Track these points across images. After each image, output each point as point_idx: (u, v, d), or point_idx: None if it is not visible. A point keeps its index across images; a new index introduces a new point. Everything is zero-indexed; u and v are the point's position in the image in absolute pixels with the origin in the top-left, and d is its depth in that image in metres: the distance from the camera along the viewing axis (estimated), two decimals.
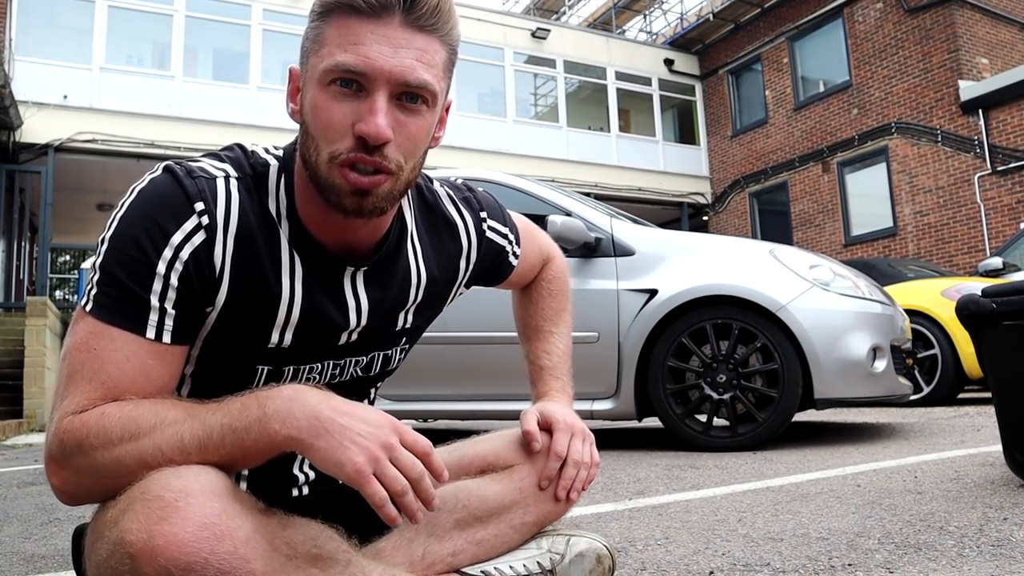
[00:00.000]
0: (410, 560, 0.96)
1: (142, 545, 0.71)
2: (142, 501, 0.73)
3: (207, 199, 0.87)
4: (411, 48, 0.84)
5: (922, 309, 5.42)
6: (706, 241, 3.69)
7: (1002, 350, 1.99)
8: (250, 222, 0.89)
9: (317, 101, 0.85)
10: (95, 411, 0.81)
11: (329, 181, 0.86)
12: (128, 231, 0.84)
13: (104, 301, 0.84)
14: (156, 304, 0.84)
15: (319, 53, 0.85)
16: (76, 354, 0.83)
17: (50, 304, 9.42)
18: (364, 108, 0.83)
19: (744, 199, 15.32)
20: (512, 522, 1.03)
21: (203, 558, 0.71)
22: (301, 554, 0.80)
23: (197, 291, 0.86)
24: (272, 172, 0.93)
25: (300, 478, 1.05)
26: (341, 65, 0.82)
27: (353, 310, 0.97)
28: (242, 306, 0.90)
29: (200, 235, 0.86)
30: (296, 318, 0.93)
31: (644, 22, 19.60)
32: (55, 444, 0.81)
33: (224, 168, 0.91)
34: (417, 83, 0.84)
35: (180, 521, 0.71)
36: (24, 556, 1.79)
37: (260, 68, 12.44)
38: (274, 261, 0.91)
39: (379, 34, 0.83)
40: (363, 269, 0.98)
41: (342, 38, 0.83)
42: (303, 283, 0.93)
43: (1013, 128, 10.88)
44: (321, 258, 0.94)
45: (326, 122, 0.84)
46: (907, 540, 1.49)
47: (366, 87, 0.83)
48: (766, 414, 3.18)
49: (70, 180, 11.57)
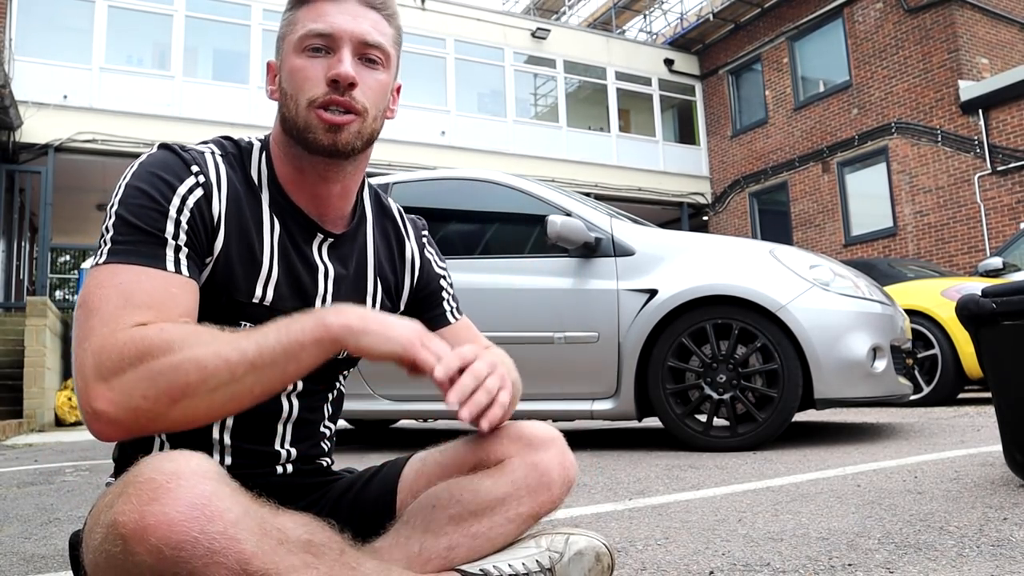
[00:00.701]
0: (407, 557, 0.97)
1: (133, 526, 0.72)
2: (135, 484, 0.75)
3: (201, 164, 0.99)
4: (366, 19, 1.02)
5: (922, 309, 5.42)
6: (706, 241, 3.69)
7: (1002, 350, 1.99)
8: (236, 187, 1.02)
9: (294, 65, 1.00)
10: (153, 327, 0.84)
11: (306, 123, 1.00)
12: (136, 188, 0.93)
13: (120, 247, 0.90)
14: (172, 241, 0.92)
15: (293, 31, 1.02)
16: (101, 291, 0.87)
17: (50, 304, 9.42)
18: (334, 61, 0.99)
19: (744, 199, 15.32)
20: (507, 514, 1.04)
21: (193, 537, 0.72)
22: (293, 539, 0.81)
23: (202, 236, 0.96)
24: (255, 148, 1.08)
25: (283, 455, 1.08)
26: (312, 31, 0.99)
27: (321, 275, 1.08)
28: (232, 260, 0.99)
29: (199, 191, 0.97)
30: (275, 273, 1.03)
31: (644, 22, 19.61)
32: (110, 357, 0.82)
33: (209, 146, 1.04)
34: (374, 42, 1.02)
35: (171, 502, 0.73)
36: (24, 556, 1.79)
37: (260, 68, 12.42)
38: (257, 222, 1.03)
39: (340, 8, 1.01)
40: (330, 240, 1.09)
41: (311, 14, 1.01)
42: (279, 244, 1.04)
43: (1013, 128, 10.88)
44: (297, 221, 1.06)
45: (303, 77, 0.99)
46: (907, 540, 1.49)
47: (333, 47, 1.00)
48: (766, 414, 3.18)
49: (70, 180, 11.57)
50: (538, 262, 3.69)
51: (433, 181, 4.30)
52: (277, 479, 1.08)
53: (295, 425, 1.09)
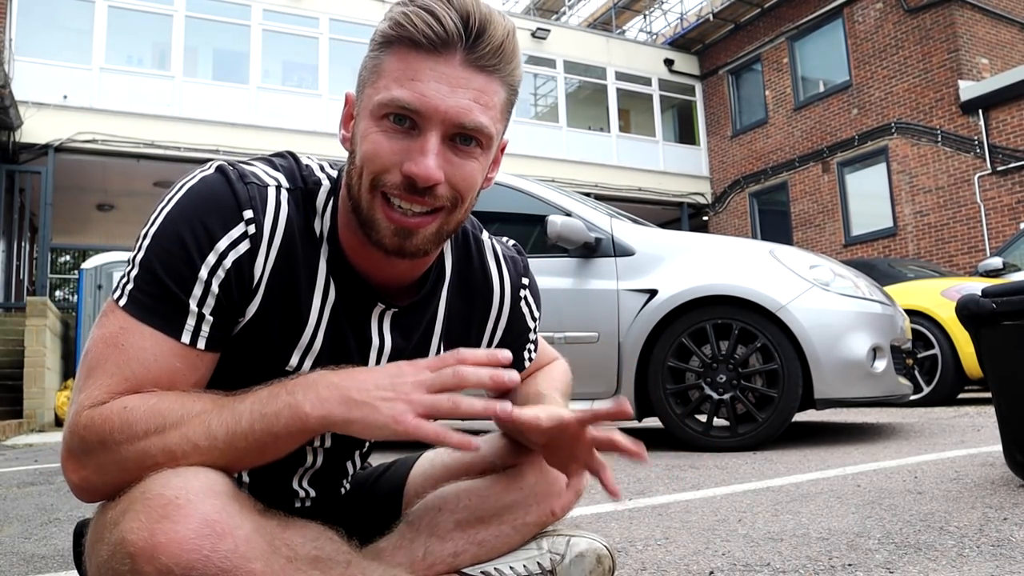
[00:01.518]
0: (411, 560, 0.96)
1: (143, 544, 0.70)
2: (143, 500, 0.73)
3: (256, 207, 0.85)
4: (469, 88, 0.82)
5: (922, 309, 5.42)
6: (706, 241, 3.69)
7: (1002, 350, 1.99)
8: (294, 237, 0.88)
9: (368, 133, 0.83)
10: (116, 404, 0.78)
11: (371, 215, 0.84)
12: (174, 229, 0.82)
13: (140, 298, 0.81)
14: (195, 309, 0.82)
15: (376, 84, 0.83)
16: (102, 347, 0.81)
17: (50, 304, 9.42)
18: (415, 147, 0.81)
19: (744, 199, 15.32)
20: (514, 522, 1.02)
21: (204, 556, 0.70)
22: (301, 556, 0.79)
23: (235, 300, 0.85)
24: (322, 192, 0.91)
25: (300, 493, 1.04)
26: (396, 101, 0.80)
27: (375, 351, 0.95)
28: (270, 322, 0.88)
29: (245, 244, 0.84)
30: (319, 346, 0.91)
31: (644, 22, 19.60)
32: (75, 440, 0.78)
33: (277, 177, 0.89)
34: (472, 125, 0.82)
35: (181, 519, 0.71)
36: (24, 556, 1.79)
37: (260, 68, 12.44)
38: (310, 281, 0.89)
39: (438, 71, 0.81)
40: (392, 311, 0.95)
41: (400, 72, 0.81)
42: (332, 310, 0.91)
43: (1013, 128, 10.88)
44: (355, 288, 0.92)
45: (374, 154, 0.82)
46: (907, 540, 1.49)
47: (419, 125, 0.81)
48: (766, 414, 3.18)
49: (70, 180, 11.57)
50: (538, 262, 3.69)
51: None
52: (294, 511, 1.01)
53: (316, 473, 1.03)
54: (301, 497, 1.04)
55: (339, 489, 1.11)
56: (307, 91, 12.77)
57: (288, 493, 1.03)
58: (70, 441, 0.79)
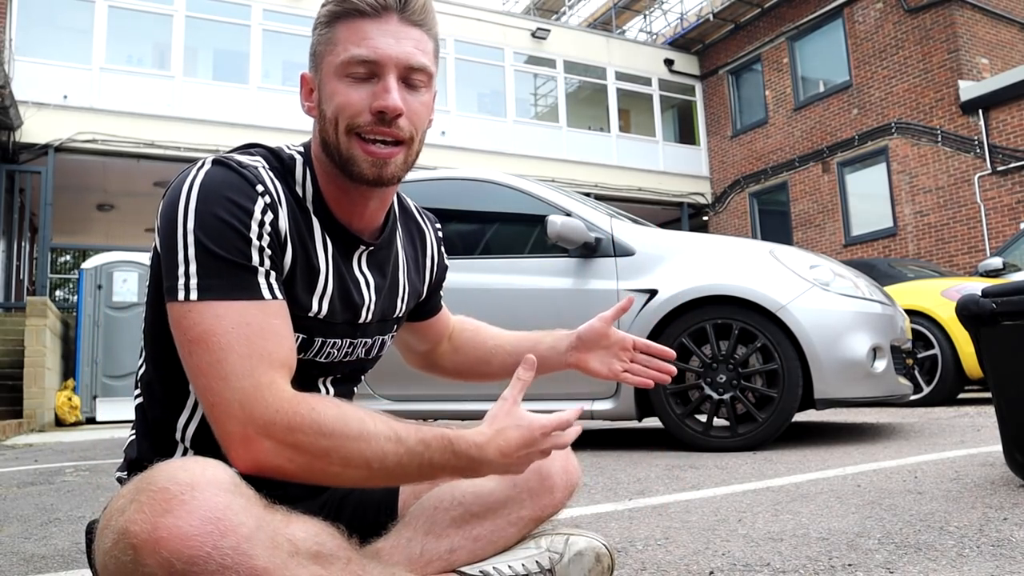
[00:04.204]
0: (409, 559, 0.97)
1: (145, 536, 0.71)
2: (148, 492, 0.74)
3: (263, 181, 0.96)
4: (409, 39, 0.98)
5: (922, 309, 5.42)
6: (706, 241, 3.69)
7: (1002, 350, 1.99)
8: (291, 203, 1.00)
9: (336, 90, 0.97)
10: (305, 404, 0.86)
11: (349, 154, 0.97)
12: (212, 214, 0.90)
13: (213, 283, 0.88)
14: (260, 268, 0.92)
15: (334, 51, 0.97)
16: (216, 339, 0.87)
17: (50, 304, 9.42)
18: (379, 89, 0.96)
19: (744, 199, 15.32)
20: (508, 517, 1.04)
21: (206, 552, 0.71)
22: (303, 551, 0.80)
23: (279, 256, 0.95)
24: (298, 163, 1.04)
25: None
26: (356, 56, 0.95)
27: (364, 286, 1.08)
28: (296, 275, 0.98)
29: (270, 212, 0.94)
30: (331, 288, 1.03)
31: (644, 22, 19.61)
32: (264, 416, 0.84)
33: (258, 160, 1.00)
34: (419, 65, 0.98)
35: (184, 514, 0.72)
36: (24, 556, 1.79)
37: (260, 68, 12.44)
38: (311, 238, 1.01)
39: (383, 29, 0.96)
40: (368, 250, 1.08)
41: (352, 36, 0.96)
42: (333, 257, 1.03)
43: (1013, 128, 10.88)
44: (342, 236, 1.05)
45: (345, 103, 0.96)
46: (907, 540, 1.49)
47: (377, 73, 0.96)
48: (766, 414, 3.18)
49: (70, 180, 11.57)
50: (538, 262, 3.69)
51: (433, 181, 4.29)
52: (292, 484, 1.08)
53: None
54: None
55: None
56: None
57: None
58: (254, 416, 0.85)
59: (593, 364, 1.27)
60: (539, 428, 0.94)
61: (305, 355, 1.02)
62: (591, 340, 1.27)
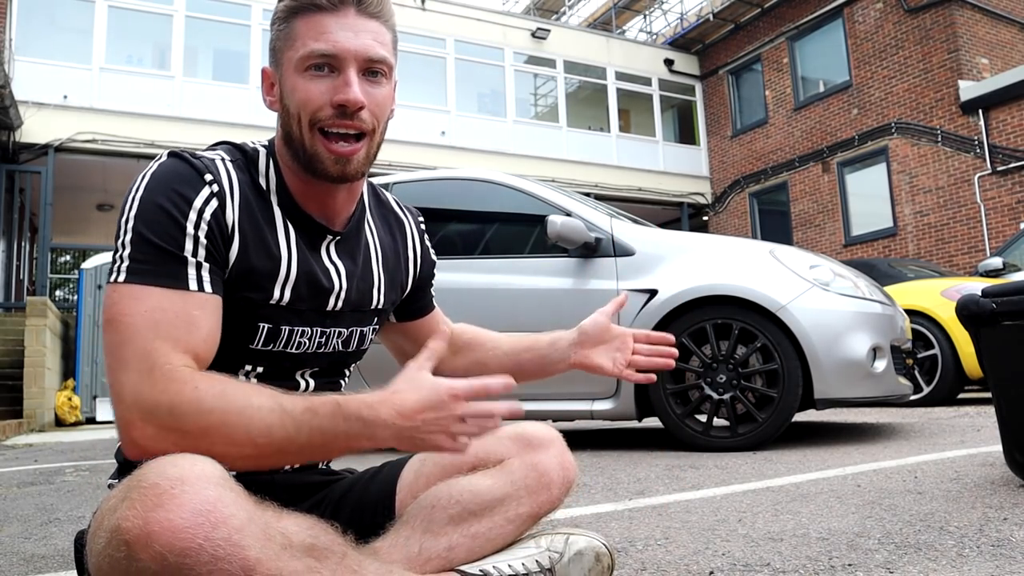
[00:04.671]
0: (407, 557, 0.97)
1: (138, 532, 0.72)
2: (139, 489, 0.75)
3: (214, 171, 0.97)
4: (367, 31, 0.99)
5: (922, 309, 5.42)
6: (706, 241, 3.69)
7: (1002, 350, 1.99)
8: (247, 194, 1.01)
9: (296, 85, 0.98)
10: (189, 383, 0.85)
11: (312, 151, 0.99)
12: (153, 202, 0.92)
13: (141, 268, 0.90)
14: (192, 259, 0.92)
15: (293, 46, 0.99)
16: (128, 318, 0.88)
17: (50, 304, 9.41)
18: (339, 83, 0.97)
19: (744, 199, 15.32)
20: (506, 514, 1.04)
21: (198, 544, 0.72)
22: (296, 544, 0.80)
23: (220, 248, 0.95)
24: (261, 154, 1.06)
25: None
26: (316, 51, 0.96)
27: (335, 274, 1.08)
28: (250, 263, 0.99)
29: (214, 201, 0.95)
30: (294, 275, 1.03)
31: (644, 22, 19.61)
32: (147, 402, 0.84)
33: (219, 153, 1.02)
34: (378, 57, 0.99)
35: (175, 508, 0.72)
36: (24, 556, 1.79)
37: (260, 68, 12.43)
38: (271, 227, 1.02)
39: (341, 23, 0.98)
40: (336, 239, 1.09)
41: (311, 30, 0.98)
42: (296, 246, 1.04)
43: (1013, 128, 10.88)
44: (307, 226, 1.06)
45: (306, 98, 0.97)
46: (907, 540, 1.49)
47: (337, 67, 0.97)
48: (766, 414, 3.18)
49: (70, 180, 11.57)
50: (538, 262, 3.69)
51: (433, 181, 4.29)
52: (281, 477, 1.08)
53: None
54: None
55: None
56: None
57: None
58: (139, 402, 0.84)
59: (597, 359, 1.26)
60: (446, 390, 0.87)
61: (274, 346, 1.03)
62: (595, 335, 1.26)
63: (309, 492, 1.12)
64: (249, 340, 1.01)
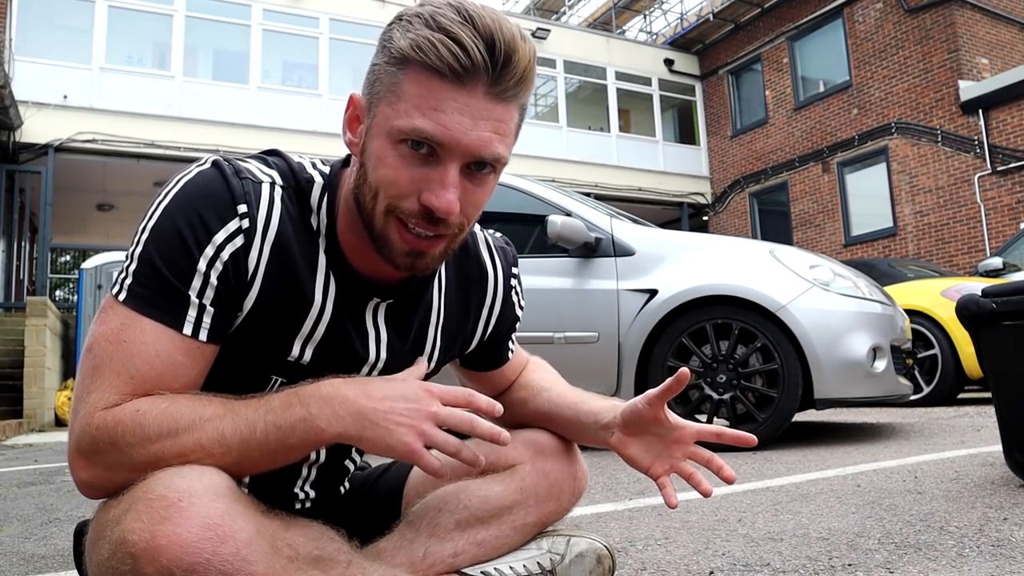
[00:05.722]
0: (411, 560, 0.96)
1: (144, 545, 0.70)
2: (145, 501, 0.73)
3: (251, 202, 0.85)
4: (491, 119, 0.81)
5: (922, 309, 5.42)
6: (706, 241, 3.69)
7: (1002, 350, 1.99)
8: (288, 232, 0.88)
9: (385, 156, 0.82)
10: (128, 407, 0.79)
11: (384, 234, 0.85)
12: (172, 222, 0.82)
13: (140, 292, 0.82)
14: (195, 300, 0.83)
15: (395, 106, 0.81)
16: (105, 345, 0.81)
17: (50, 304, 9.41)
18: (435, 177, 0.81)
19: (744, 199, 15.32)
20: (513, 523, 1.03)
21: (205, 559, 0.71)
22: (303, 556, 0.80)
23: (233, 292, 0.85)
24: (316, 189, 0.91)
25: (300, 495, 1.05)
26: (419, 131, 0.79)
27: (373, 342, 0.96)
28: (270, 312, 0.88)
29: (240, 239, 0.84)
30: (321, 333, 0.92)
31: (644, 22, 19.60)
32: (86, 440, 0.79)
33: (271, 174, 0.89)
34: (492, 158, 0.83)
35: (183, 521, 0.71)
36: (24, 556, 1.79)
37: (260, 68, 12.43)
38: (310, 273, 0.90)
39: (461, 103, 0.79)
40: (387, 303, 0.96)
41: (422, 100, 0.79)
42: (334, 301, 0.92)
43: (1013, 128, 10.88)
44: (352, 282, 0.93)
45: (392, 179, 0.82)
46: (907, 540, 1.49)
47: (439, 155, 0.81)
48: (766, 414, 3.18)
49: (70, 180, 11.56)
50: (538, 262, 3.69)
51: None
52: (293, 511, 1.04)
53: (321, 468, 1.05)
54: (301, 499, 1.05)
55: (339, 489, 1.12)
56: (307, 91, 12.76)
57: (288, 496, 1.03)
58: (80, 441, 0.79)
59: (633, 450, 1.04)
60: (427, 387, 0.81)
61: None
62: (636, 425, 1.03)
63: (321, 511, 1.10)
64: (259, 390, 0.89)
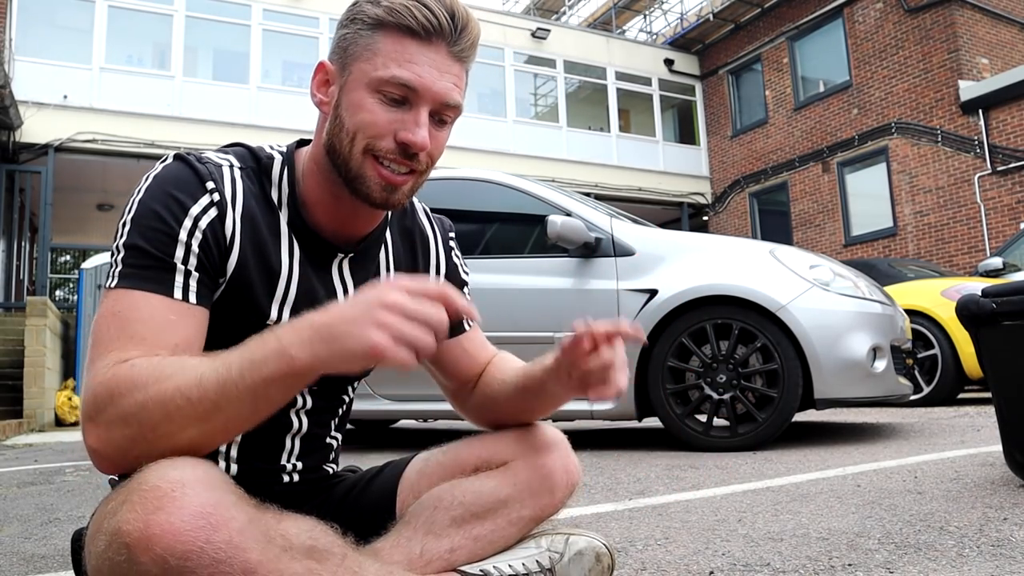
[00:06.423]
0: (408, 558, 0.97)
1: (138, 535, 0.72)
2: (139, 492, 0.74)
3: (216, 179, 0.95)
4: (451, 73, 0.96)
5: (922, 309, 5.42)
6: (706, 241, 3.69)
7: (1002, 350, 1.99)
8: (252, 205, 0.98)
9: (364, 103, 0.94)
10: (125, 364, 0.83)
11: (360, 172, 0.95)
12: (148, 208, 0.91)
13: (129, 271, 0.88)
14: (180, 267, 0.90)
15: (372, 61, 0.93)
16: (102, 323, 0.87)
17: (50, 304, 9.41)
18: (409, 119, 0.94)
19: (744, 199, 15.32)
20: (509, 517, 1.04)
21: (199, 547, 0.72)
22: (296, 545, 0.80)
23: (214, 258, 0.93)
24: (276, 164, 1.03)
25: (288, 467, 1.08)
26: (397, 78, 0.92)
27: (341, 294, 1.05)
28: (248, 278, 0.96)
29: (213, 210, 0.93)
30: (293, 294, 1.00)
31: (644, 22, 19.61)
32: (89, 399, 0.82)
33: (228, 158, 1.00)
34: (453, 103, 0.96)
35: (176, 511, 0.72)
36: (24, 556, 1.79)
37: (260, 68, 12.44)
38: (275, 240, 0.99)
39: (429, 57, 0.94)
40: (350, 256, 1.06)
41: (398, 54, 0.93)
42: (299, 263, 1.01)
43: (1013, 128, 10.88)
44: (315, 243, 1.03)
45: (371, 122, 0.93)
46: (907, 540, 1.49)
47: (412, 101, 0.94)
48: (766, 414, 3.18)
49: (70, 180, 11.57)
50: (538, 262, 3.69)
51: (433, 181, 4.29)
52: (281, 487, 1.07)
53: (304, 439, 1.08)
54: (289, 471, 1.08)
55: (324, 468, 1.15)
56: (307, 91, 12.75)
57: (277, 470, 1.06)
58: (86, 405, 0.83)
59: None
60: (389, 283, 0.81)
61: None
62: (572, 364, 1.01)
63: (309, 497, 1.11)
64: None
